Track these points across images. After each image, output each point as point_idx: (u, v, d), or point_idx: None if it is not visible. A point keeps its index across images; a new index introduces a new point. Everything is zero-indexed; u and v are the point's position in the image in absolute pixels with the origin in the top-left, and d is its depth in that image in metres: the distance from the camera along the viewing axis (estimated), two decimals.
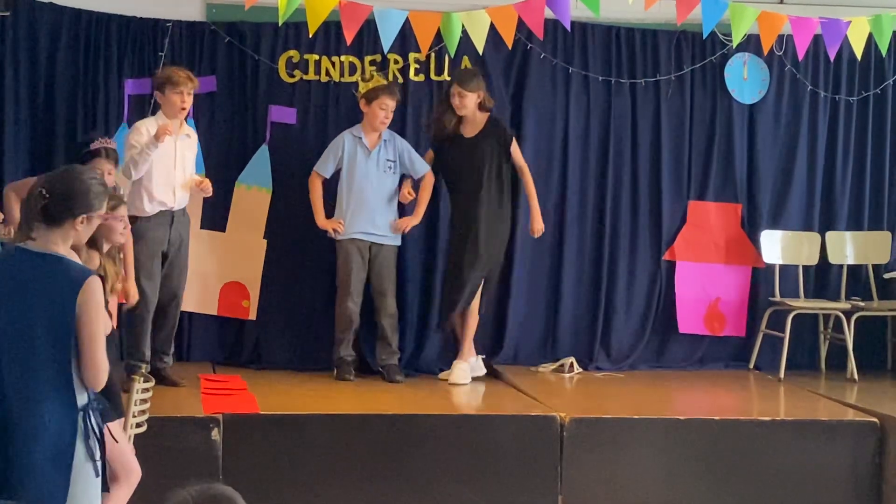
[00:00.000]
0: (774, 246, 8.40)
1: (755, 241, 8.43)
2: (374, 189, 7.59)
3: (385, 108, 7.52)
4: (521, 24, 7.23)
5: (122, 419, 5.12)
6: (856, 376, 8.02)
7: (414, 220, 7.68)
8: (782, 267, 8.38)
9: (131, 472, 4.90)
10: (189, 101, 7.16)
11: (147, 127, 7.07)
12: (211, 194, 7.35)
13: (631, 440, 6.71)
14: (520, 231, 8.18)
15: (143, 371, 5.76)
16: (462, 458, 6.53)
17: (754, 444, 6.81)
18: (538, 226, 7.79)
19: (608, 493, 6.64)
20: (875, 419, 6.88)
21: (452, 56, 7.68)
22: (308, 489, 6.41)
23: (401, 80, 8.07)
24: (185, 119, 7.41)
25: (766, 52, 7.64)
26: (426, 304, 8.12)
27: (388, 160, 7.60)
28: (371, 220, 7.58)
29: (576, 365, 8.17)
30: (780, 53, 8.32)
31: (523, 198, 7.91)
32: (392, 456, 6.45)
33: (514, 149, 7.72)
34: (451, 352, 7.90)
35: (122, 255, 5.58)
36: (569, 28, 7.39)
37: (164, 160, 7.08)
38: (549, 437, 6.57)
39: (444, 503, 6.49)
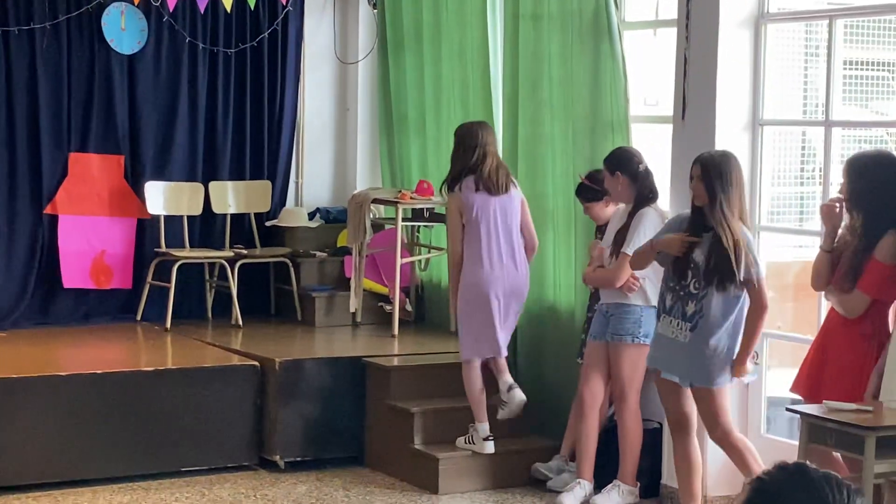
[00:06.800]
0: (158, 197, 8.43)
1: (139, 193, 8.42)
2: None
3: None
4: None
5: None
6: (240, 322, 8.25)
7: None
8: (167, 218, 8.44)
9: None
10: None
11: None
12: None
13: (13, 402, 6.52)
14: None
15: None
16: None
17: (142, 394, 6.86)
18: None
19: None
20: (256, 363, 7.15)
21: None
22: None
23: None
24: None
25: (136, 1, 7.60)
26: None
27: None
28: None
29: None
30: (157, 4, 8.32)
31: None
32: None
33: None
34: None
35: None
36: None
37: None
38: None
39: None
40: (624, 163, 6.29)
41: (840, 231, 5.46)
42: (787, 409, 5.48)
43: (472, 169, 6.63)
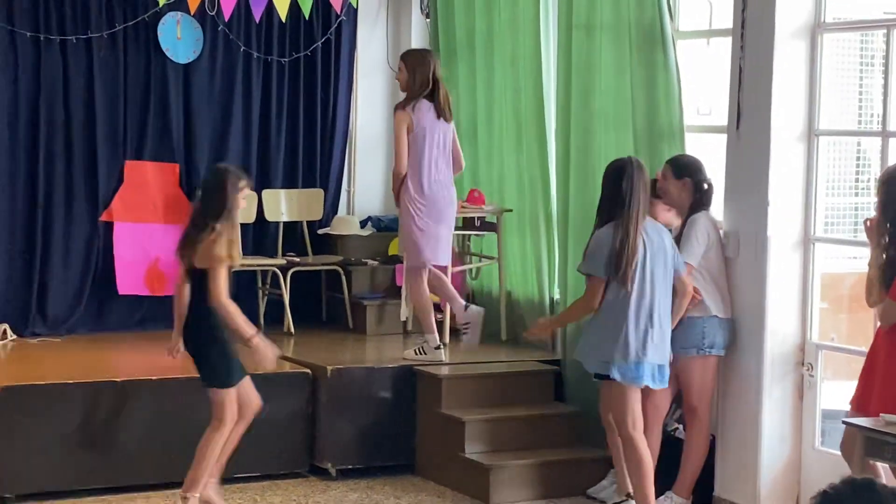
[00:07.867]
0: None
1: (193, 201, 8.45)
2: None
3: None
4: None
5: None
6: (292, 329, 8.29)
7: None
8: None
9: None
10: None
11: None
12: None
13: (67, 407, 6.59)
14: None
15: None
16: None
17: (196, 400, 6.85)
18: None
19: (26, 464, 6.52)
20: (307, 370, 7.17)
21: None
22: None
23: None
24: None
25: (192, 11, 7.66)
26: None
27: None
28: None
29: (9, 332, 7.89)
30: (213, 13, 8.38)
31: None
32: None
33: None
34: None
35: None
36: None
37: None
38: None
39: None
40: (694, 170, 6.37)
41: None
42: (844, 423, 5.43)
43: (427, 95, 7.12)
